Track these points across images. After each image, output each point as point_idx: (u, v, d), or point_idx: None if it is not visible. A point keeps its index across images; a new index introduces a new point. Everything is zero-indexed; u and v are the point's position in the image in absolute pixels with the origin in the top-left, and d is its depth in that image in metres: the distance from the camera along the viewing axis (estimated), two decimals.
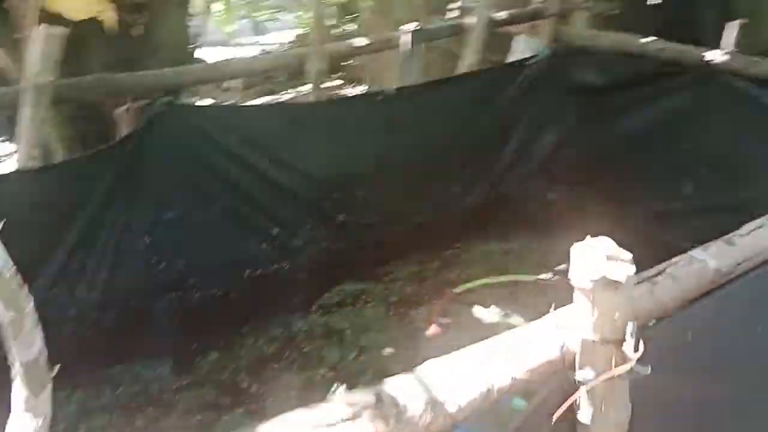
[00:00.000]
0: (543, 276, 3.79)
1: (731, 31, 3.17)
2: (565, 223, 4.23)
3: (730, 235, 1.54)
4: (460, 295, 3.64)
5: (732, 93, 3.26)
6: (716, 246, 1.47)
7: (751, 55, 3.19)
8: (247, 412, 2.75)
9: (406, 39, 3.37)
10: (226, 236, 3.09)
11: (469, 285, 3.70)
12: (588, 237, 1.10)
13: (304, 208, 3.26)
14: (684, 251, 3.62)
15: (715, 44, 4.77)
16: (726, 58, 3.18)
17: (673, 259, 1.42)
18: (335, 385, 2.77)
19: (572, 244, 1.18)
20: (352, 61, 6.33)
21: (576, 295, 1.06)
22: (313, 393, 2.84)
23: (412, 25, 3.37)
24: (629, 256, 1.12)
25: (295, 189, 3.20)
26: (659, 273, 1.33)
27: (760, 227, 1.56)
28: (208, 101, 5.99)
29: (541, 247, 4.15)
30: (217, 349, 3.09)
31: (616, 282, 1.01)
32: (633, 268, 1.03)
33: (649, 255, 3.78)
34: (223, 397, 2.87)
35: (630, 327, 1.08)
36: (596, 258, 1.05)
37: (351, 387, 2.91)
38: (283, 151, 3.14)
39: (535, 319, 1.47)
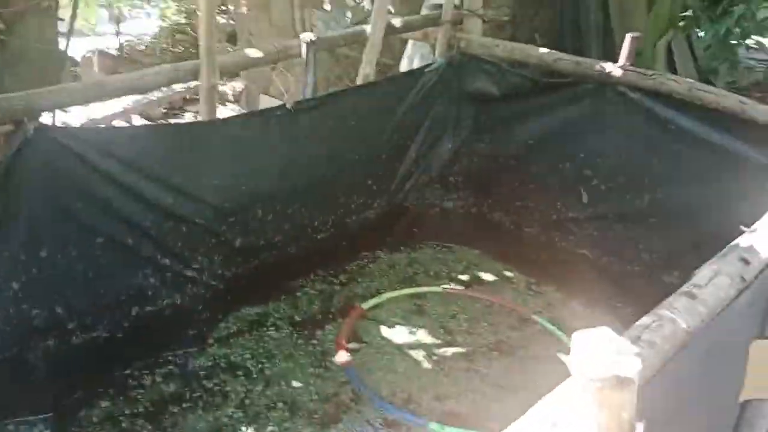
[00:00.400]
0: (447, 286, 3.77)
1: (626, 44, 3.24)
2: (464, 232, 4.26)
3: (690, 286, 1.50)
4: (368, 311, 3.55)
5: (626, 103, 3.34)
6: (681, 302, 1.42)
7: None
8: None
9: (302, 49, 3.18)
10: (109, 271, 2.78)
11: (375, 300, 3.62)
12: (588, 328, 0.99)
13: (198, 235, 3.01)
14: (581, 256, 3.73)
15: (599, 51, 4.93)
16: (620, 72, 3.25)
17: (642, 321, 1.35)
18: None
19: (472, 253, 1.07)
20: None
21: (578, 390, 0.95)
22: None
23: (309, 35, 3.18)
24: (635, 349, 1.03)
25: (187, 215, 2.94)
26: (637, 339, 1.26)
27: (716, 275, 1.53)
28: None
29: (444, 256, 4.13)
30: (107, 398, 2.78)
31: (626, 379, 0.91)
32: (640, 363, 0.94)
33: (549, 259, 3.86)
34: None
35: (639, 428, 0.99)
36: (601, 351, 0.94)
37: (261, 425, 2.73)
38: (173, 174, 2.86)
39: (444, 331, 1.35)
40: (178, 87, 6.16)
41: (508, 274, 3.96)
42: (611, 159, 3.51)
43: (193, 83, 4.28)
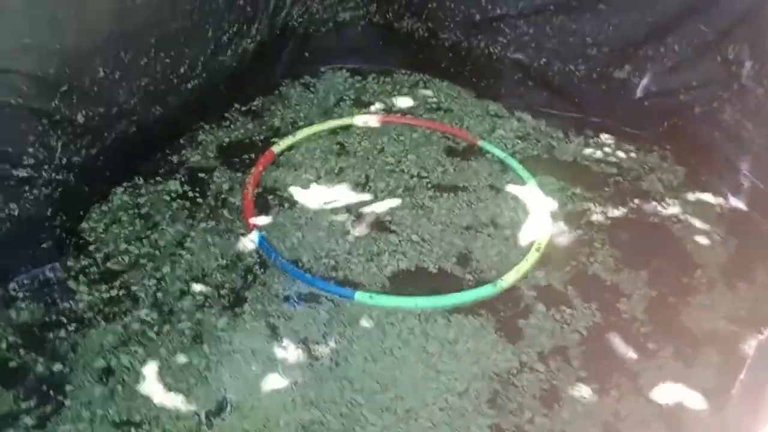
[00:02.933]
0: (360, 116, 3.10)
1: None
2: (370, 48, 3.49)
3: None
4: (279, 156, 2.87)
5: None
6: None
7: None
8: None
9: None
10: None
11: (288, 142, 2.92)
12: None
13: (20, 121, 2.08)
14: (514, 62, 3.12)
15: None
16: None
17: None
18: None
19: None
20: None
21: None
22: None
23: None
24: None
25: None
26: None
27: None
28: None
29: (352, 81, 3.40)
30: None
31: None
32: None
33: (477, 69, 3.19)
34: None
35: None
36: None
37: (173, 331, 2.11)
38: None
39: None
40: None
41: (429, 93, 3.32)
42: None
43: None
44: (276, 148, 2.88)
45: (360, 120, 3.08)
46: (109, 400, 1.90)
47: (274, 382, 1.99)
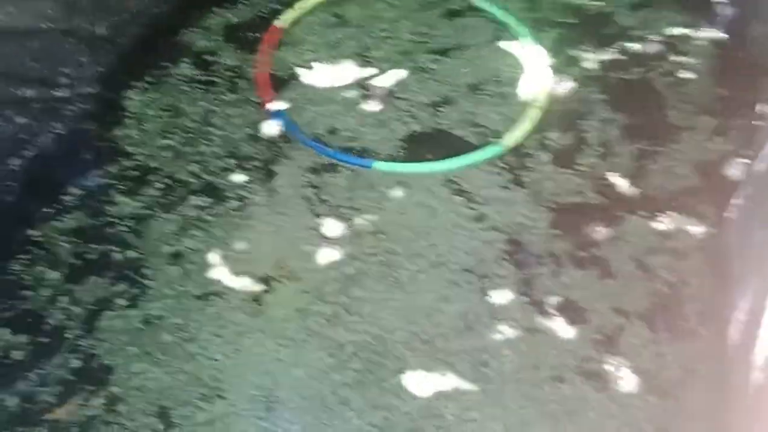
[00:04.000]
0: None
1: None
2: None
3: None
4: (287, 30, 2.99)
5: None
6: None
7: None
8: None
9: None
10: None
11: (293, 14, 3.03)
12: None
13: (55, 42, 2.24)
14: None
15: None
16: None
17: None
18: None
19: None
20: None
21: None
22: None
23: None
24: None
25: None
26: None
27: None
28: None
29: None
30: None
31: None
32: None
33: None
34: None
35: None
36: None
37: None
38: None
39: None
40: None
41: None
42: None
43: None
44: (278, 23, 2.98)
45: None
46: (186, 279, 2.25)
47: (316, 246, 2.33)
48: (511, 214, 2.38)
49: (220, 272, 2.26)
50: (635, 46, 2.88)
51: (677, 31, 2.92)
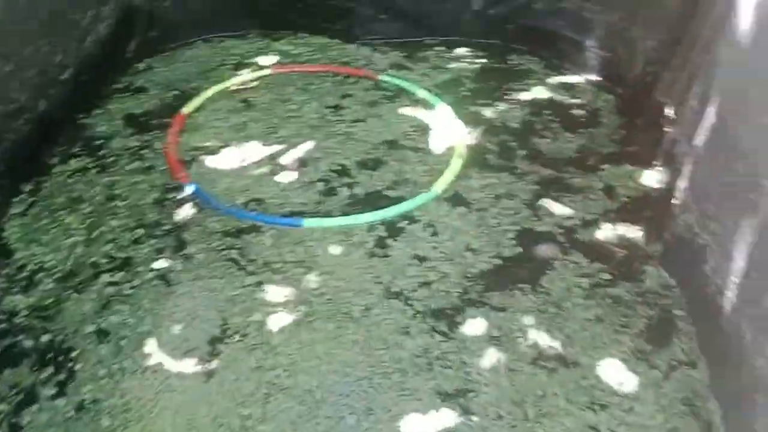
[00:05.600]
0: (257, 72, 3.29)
1: None
2: (230, 12, 3.56)
3: None
4: (190, 116, 3.01)
5: None
6: None
7: None
8: None
9: None
10: None
11: (196, 102, 3.07)
12: None
13: None
14: None
15: None
16: None
17: None
18: None
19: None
20: None
21: None
22: None
23: None
24: None
25: None
26: None
27: None
28: None
29: (226, 46, 3.54)
30: None
31: None
32: None
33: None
34: None
35: None
36: None
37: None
38: None
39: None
40: None
41: (289, 48, 3.52)
42: None
43: None
44: (185, 109, 3.01)
45: (250, 76, 3.25)
46: (120, 355, 2.00)
47: (257, 303, 2.20)
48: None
49: (156, 343, 2.04)
50: (526, 94, 3.20)
51: (558, 79, 3.32)
